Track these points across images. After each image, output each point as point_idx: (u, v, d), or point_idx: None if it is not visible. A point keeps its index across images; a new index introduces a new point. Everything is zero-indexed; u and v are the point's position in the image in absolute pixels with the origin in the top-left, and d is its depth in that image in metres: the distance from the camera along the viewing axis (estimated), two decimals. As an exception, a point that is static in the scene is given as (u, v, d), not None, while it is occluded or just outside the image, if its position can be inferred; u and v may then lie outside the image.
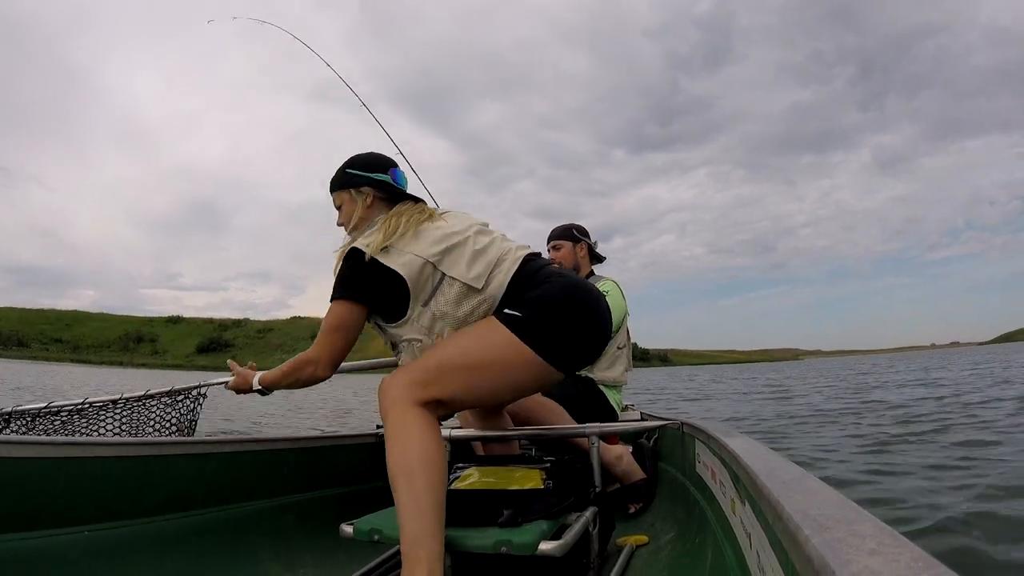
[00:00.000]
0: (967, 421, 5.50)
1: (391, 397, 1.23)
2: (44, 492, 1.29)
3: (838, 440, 4.95)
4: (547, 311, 1.31)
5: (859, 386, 13.46)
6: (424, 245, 1.36)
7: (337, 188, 1.56)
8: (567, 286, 1.36)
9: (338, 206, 1.57)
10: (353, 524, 1.32)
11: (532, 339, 1.28)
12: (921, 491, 3.00)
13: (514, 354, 1.27)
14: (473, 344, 1.30)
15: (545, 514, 1.28)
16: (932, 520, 2.49)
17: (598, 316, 1.39)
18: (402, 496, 1.12)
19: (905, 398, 8.99)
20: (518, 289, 1.35)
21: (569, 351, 1.34)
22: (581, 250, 2.62)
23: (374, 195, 1.52)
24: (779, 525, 0.60)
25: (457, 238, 1.38)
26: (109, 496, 1.39)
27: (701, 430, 1.48)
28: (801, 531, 0.50)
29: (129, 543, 1.39)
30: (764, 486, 0.70)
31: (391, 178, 1.54)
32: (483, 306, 1.35)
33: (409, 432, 1.18)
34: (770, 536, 0.67)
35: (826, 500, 0.60)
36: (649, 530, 1.74)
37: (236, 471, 1.66)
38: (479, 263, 1.36)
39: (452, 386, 1.26)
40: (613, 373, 2.45)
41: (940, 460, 3.80)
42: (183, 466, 1.54)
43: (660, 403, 11.06)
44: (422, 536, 1.08)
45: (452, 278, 1.34)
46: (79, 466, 1.34)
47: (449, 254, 1.36)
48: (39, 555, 1.24)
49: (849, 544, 0.44)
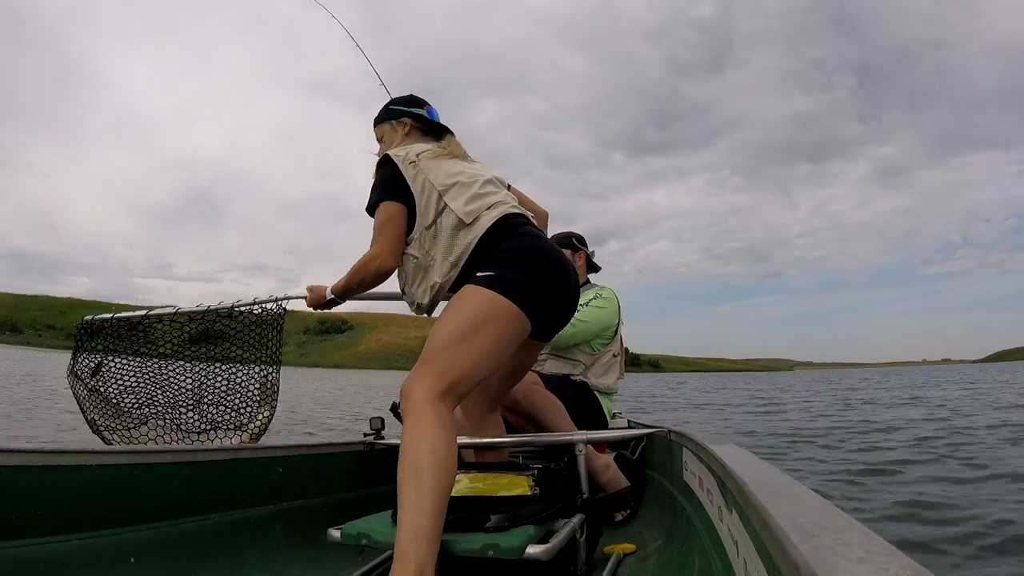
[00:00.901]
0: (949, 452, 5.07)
1: (413, 397, 1.24)
2: (33, 500, 1.28)
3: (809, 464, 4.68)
4: (511, 263, 1.41)
5: (847, 399, 13.36)
6: (438, 175, 1.53)
7: (380, 121, 1.79)
8: (530, 241, 1.48)
9: (379, 138, 1.79)
10: (341, 529, 1.31)
11: (505, 290, 1.36)
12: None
13: (498, 308, 1.35)
14: (458, 316, 1.35)
15: (532, 519, 1.28)
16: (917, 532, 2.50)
17: (558, 267, 1.48)
18: (407, 494, 1.12)
19: (893, 416, 8.89)
20: (493, 239, 1.47)
21: (536, 298, 1.40)
22: (579, 259, 2.64)
23: (412, 125, 1.74)
24: (766, 533, 0.60)
25: (466, 179, 1.55)
26: (98, 504, 1.38)
27: (688, 438, 1.49)
28: (788, 539, 0.50)
29: (118, 551, 1.38)
30: (751, 494, 0.70)
31: (427, 113, 1.76)
32: (469, 244, 1.47)
33: (424, 431, 1.18)
34: (757, 544, 0.67)
35: (814, 508, 0.60)
36: (637, 538, 1.74)
37: (225, 479, 1.65)
38: (475, 203, 1.50)
39: (459, 364, 1.29)
40: (607, 380, 2.46)
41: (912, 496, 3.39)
42: (172, 474, 1.54)
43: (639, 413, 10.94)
44: (419, 536, 1.07)
45: (451, 209, 1.49)
46: (68, 474, 1.34)
47: (454, 188, 1.52)
48: (28, 563, 1.23)
49: (836, 552, 0.44)
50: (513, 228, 1.50)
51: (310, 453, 1.94)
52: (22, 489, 1.27)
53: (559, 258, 1.50)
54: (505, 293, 1.36)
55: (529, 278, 1.40)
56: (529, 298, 1.38)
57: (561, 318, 1.56)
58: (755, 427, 7.97)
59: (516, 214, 1.54)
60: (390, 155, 1.57)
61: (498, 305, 1.35)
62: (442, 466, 1.15)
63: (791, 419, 9.12)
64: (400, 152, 1.58)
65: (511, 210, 1.54)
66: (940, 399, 12.77)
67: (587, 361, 2.44)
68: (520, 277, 1.39)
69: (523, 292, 1.37)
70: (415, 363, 1.33)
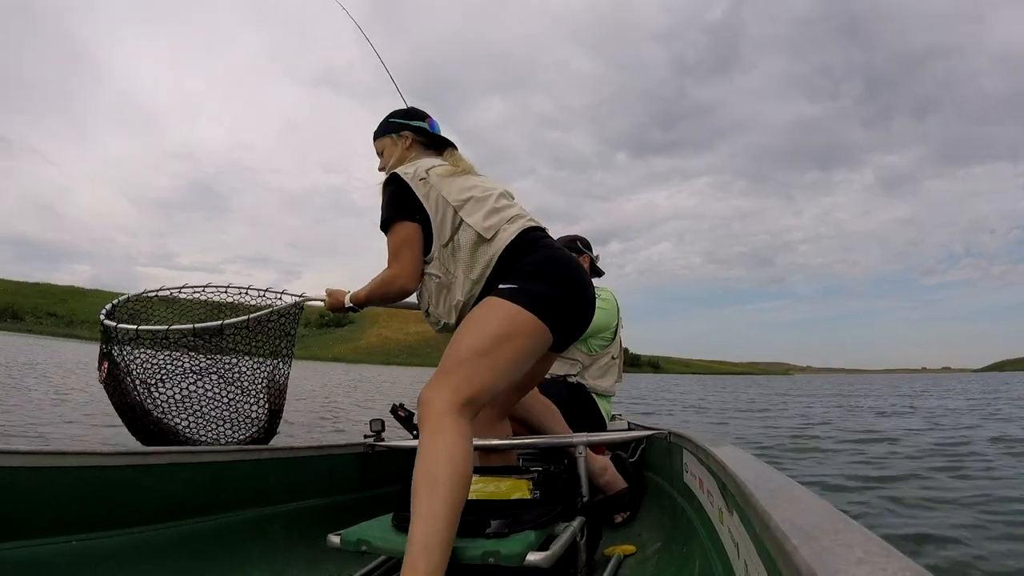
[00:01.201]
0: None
1: (432, 407, 1.23)
2: (32, 501, 1.29)
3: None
4: (534, 276, 1.41)
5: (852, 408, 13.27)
6: (451, 191, 1.52)
7: (380, 135, 1.75)
8: (552, 253, 1.49)
9: (380, 152, 1.76)
10: (340, 534, 1.31)
11: (529, 304, 1.35)
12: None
13: (523, 322, 1.34)
14: (482, 328, 1.34)
15: (533, 525, 1.28)
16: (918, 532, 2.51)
17: (579, 280, 1.49)
18: (421, 505, 1.11)
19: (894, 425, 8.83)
20: (515, 253, 1.46)
21: (559, 311, 1.41)
22: (584, 262, 2.65)
23: (413, 138, 1.72)
24: (767, 535, 0.60)
25: (481, 193, 1.54)
26: (97, 506, 1.38)
27: (688, 440, 1.48)
28: (789, 541, 0.50)
29: (117, 553, 1.38)
30: (752, 496, 0.70)
31: (428, 126, 1.74)
32: (491, 260, 1.46)
33: (442, 443, 1.18)
34: (758, 546, 0.68)
35: (814, 510, 0.60)
36: (636, 540, 1.74)
37: (224, 481, 1.65)
38: (493, 218, 1.50)
39: (479, 377, 1.29)
40: (605, 383, 2.47)
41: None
42: (171, 476, 1.53)
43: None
44: (430, 547, 1.06)
45: (468, 225, 1.48)
46: (67, 475, 1.34)
47: (469, 203, 1.51)
48: (27, 564, 1.23)
49: (836, 554, 0.45)
50: (534, 241, 1.50)
51: (310, 455, 1.93)
52: (22, 490, 1.27)
53: (579, 271, 1.51)
54: (530, 307, 1.35)
55: (553, 291, 1.40)
56: (553, 311, 1.38)
57: (578, 330, 1.55)
58: (751, 431, 7.96)
59: (535, 227, 1.54)
60: (398, 173, 1.54)
61: (522, 319, 1.34)
62: (458, 478, 1.15)
63: (784, 424, 9.11)
64: (408, 169, 1.55)
65: (530, 223, 1.54)
66: (938, 408, 12.74)
67: (585, 362, 2.45)
68: (544, 290, 1.38)
69: (547, 305, 1.37)
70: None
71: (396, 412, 2.14)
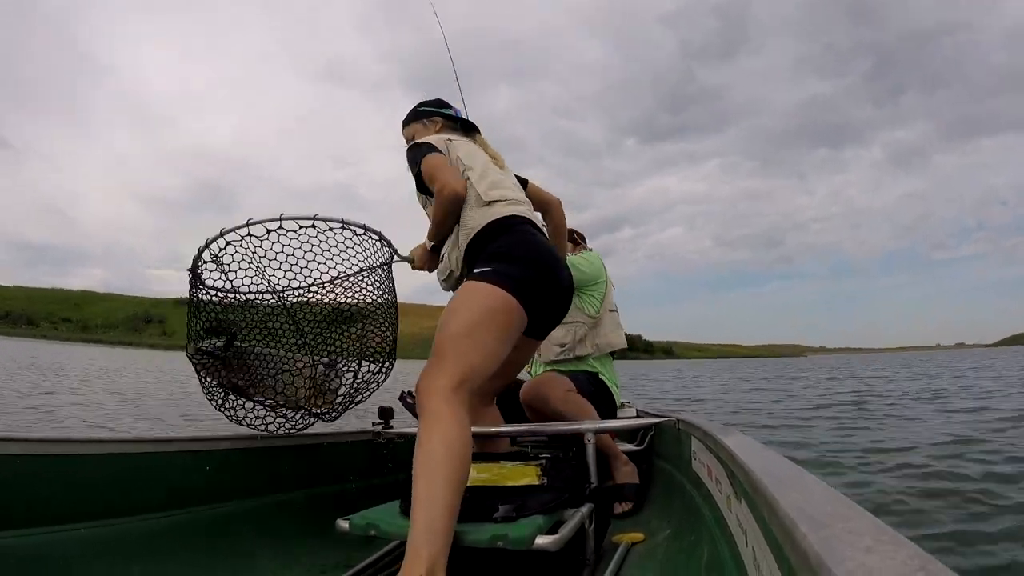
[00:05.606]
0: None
1: (427, 393, 1.26)
2: (40, 489, 1.30)
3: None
4: (504, 258, 1.47)
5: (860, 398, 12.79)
6: (469, 157, 1.66)
7: (411, 120, 1.88)
8: (524, 237, 1.54)
9: (409, 138, 1.85)
10: (349, 519, 1.32)
11: (501, 283, 1.41)
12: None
13: (498, 300, 1.40)
14: (462, 310, 1.39)
15: (541, 510, 1.29)
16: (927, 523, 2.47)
17: (551, 262, 1.53)
18: (421, 489, 1.12)
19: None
20: (492, 234, 1.54)
21: (530, 292, 1.45)
22: (578, 253, 2.69)
23: (443, 123, 1.85)
24: (775, 522, 0.60)
25: (495, 175, 1.66)
26: (105, 493, 1.40)
27: (697, 427, 1.48)
28: (797, 528, 0.50)
29: (125, 541, 1.40)
30: (760, 483, 0.70)
31: (454, 113, 1.88)
32: (476, 226, 1.55)
33: (439, 427, 1.20)
34: (766, 533, 0.67)
35: (822, 497, 0.60)
36: (645, 527, 1.74)
37: (233, 468, 1.67)
38: (496, 191, 1.61)
39: (468, 358, 1.32)
40: (616, 337, 2.51)
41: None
42: (180, 463, 1.55)
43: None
44: (432, 531, 1.08)
45: (472, 184, 1.60)
46: (75, 463, 1.35)
47: (480, 171, 1.63)
48: (35, 552, 1.25)
49: (845, 541, 0.44)
50: (511, 226, 1.56)
51: (319, 442, 1.95)
52: (31, 478, 1.28)
53: (551, 254, 1.55)
54: (502, 286, 1.41)
55: (523, 272, 1.45)
56: (524, 291, 1.43)
57: (555, 315, 1.61)
58: (760, 416, 7.84)
59: (526, 219, 1.60)
60: (421, 140, 1.68)
61: (497, 296, 1.40)
62: (457, 461, 1.16)
63: (795, 407, 8.96)
64: (431, 137, 1.69)
65: (524, 213, 1.60)
66: (955, 386, 12.52)
67: (589, 323, 2.47)
68: (514, 271, 1.44)
69: (519, 285, 1.42)
70: (428, 353, 1.34)
71: (404, 399, 2.18)
